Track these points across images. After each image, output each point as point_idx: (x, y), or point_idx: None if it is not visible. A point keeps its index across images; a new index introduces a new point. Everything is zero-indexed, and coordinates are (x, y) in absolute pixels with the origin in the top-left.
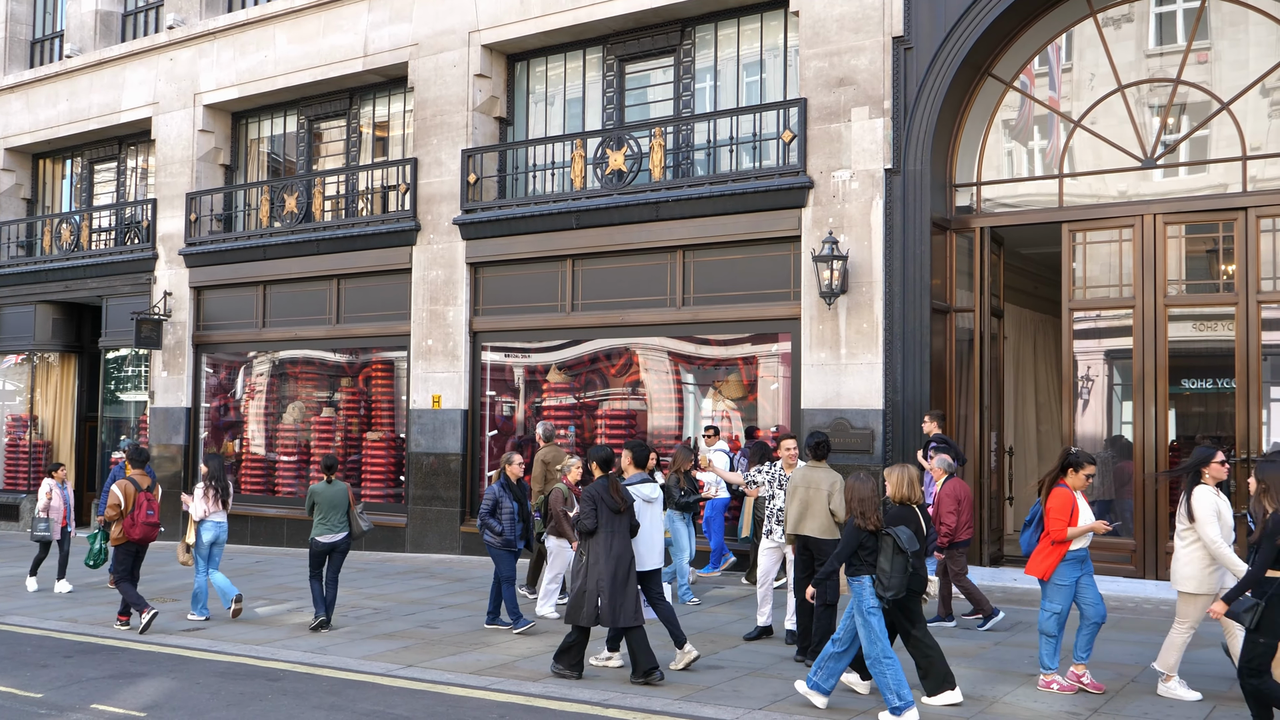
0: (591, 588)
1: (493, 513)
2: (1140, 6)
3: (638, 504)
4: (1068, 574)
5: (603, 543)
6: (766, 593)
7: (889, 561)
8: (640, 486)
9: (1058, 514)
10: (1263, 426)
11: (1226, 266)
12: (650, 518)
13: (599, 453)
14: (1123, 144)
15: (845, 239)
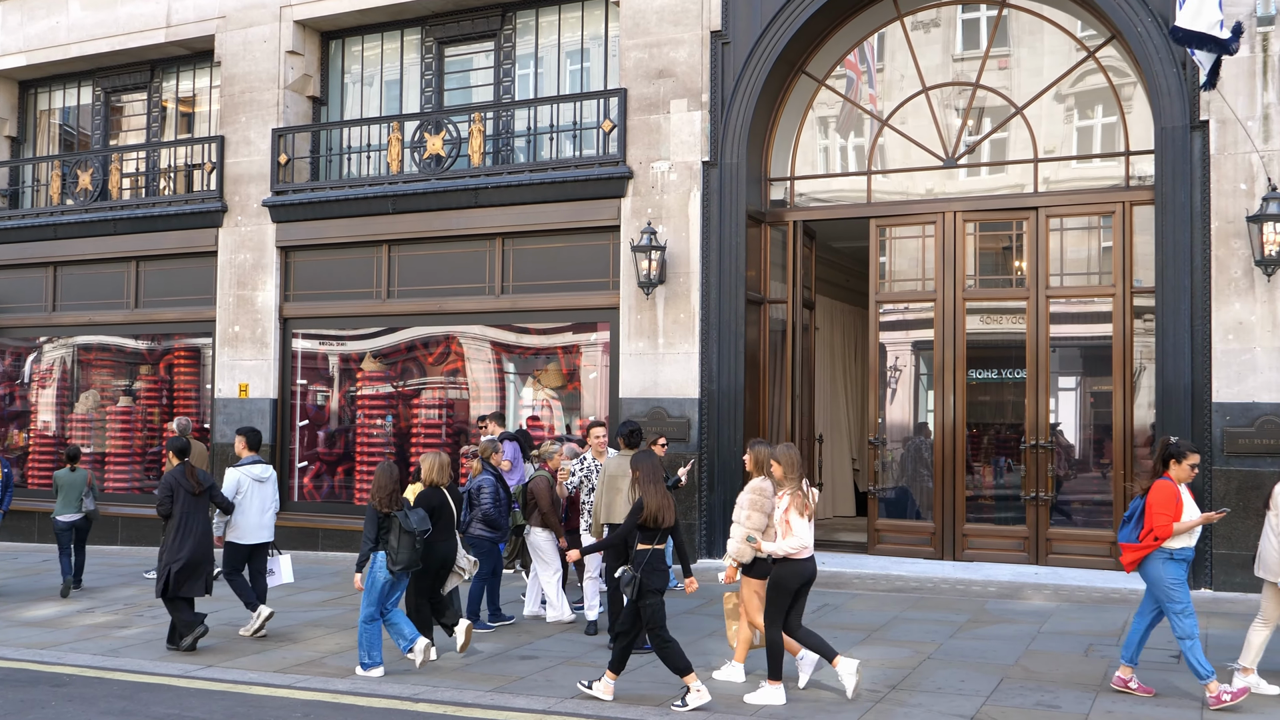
0: (170, 563)
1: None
2: (948, 12)
3: (248, 483)
4: (1176, 572)
5: (182, 523)
6: (593, 586)
7: (397, 539)
8: (250, 467)
9: (1160, 508)
10: (1050, 415)
11: (1019, 263)
12: (261, 496)
13: (175, 443)
14: (927, 144)
15: (664, 230)
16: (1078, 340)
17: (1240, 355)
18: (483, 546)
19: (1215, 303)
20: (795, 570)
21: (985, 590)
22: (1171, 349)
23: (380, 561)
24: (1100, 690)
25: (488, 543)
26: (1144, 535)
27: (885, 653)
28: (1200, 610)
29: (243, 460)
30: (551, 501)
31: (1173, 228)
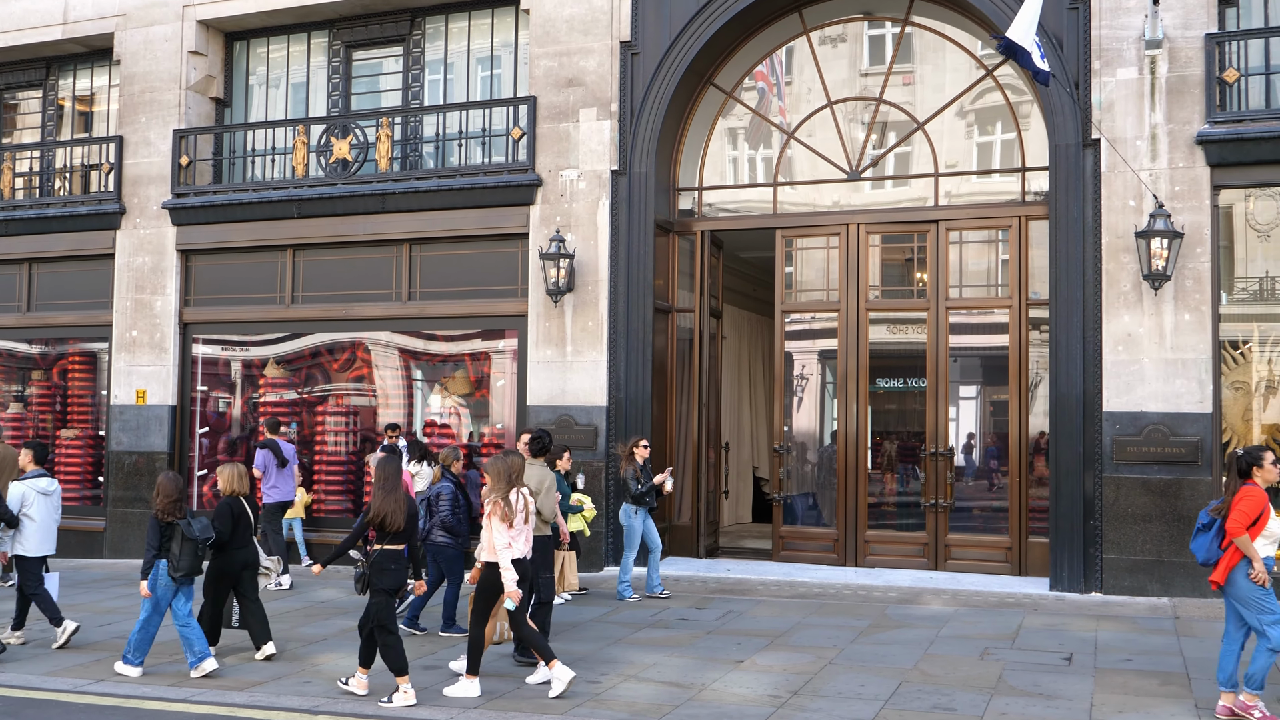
0: None
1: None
2: (855, 28)
3: (34, 496)
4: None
5: None
6: None
7: (179, 547)
8: (36, 480)
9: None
10: (950, 423)
11: (921, 275)
12: (48, 508)
13: None
14: (832, 157)
15: (572, 238)
16: (977, 350)
17: (1129, 366)
18: (445, 554)
19: (1106, 315)
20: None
21: (886, 596)
22: (1065, 359)
23: (162, 569)
24: (995, 692)
25: (450, 549)
26: (1225, 543)
27: (788, 658)
28: (1090, 614)
29: (28, 474)
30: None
31: (1066, 242)
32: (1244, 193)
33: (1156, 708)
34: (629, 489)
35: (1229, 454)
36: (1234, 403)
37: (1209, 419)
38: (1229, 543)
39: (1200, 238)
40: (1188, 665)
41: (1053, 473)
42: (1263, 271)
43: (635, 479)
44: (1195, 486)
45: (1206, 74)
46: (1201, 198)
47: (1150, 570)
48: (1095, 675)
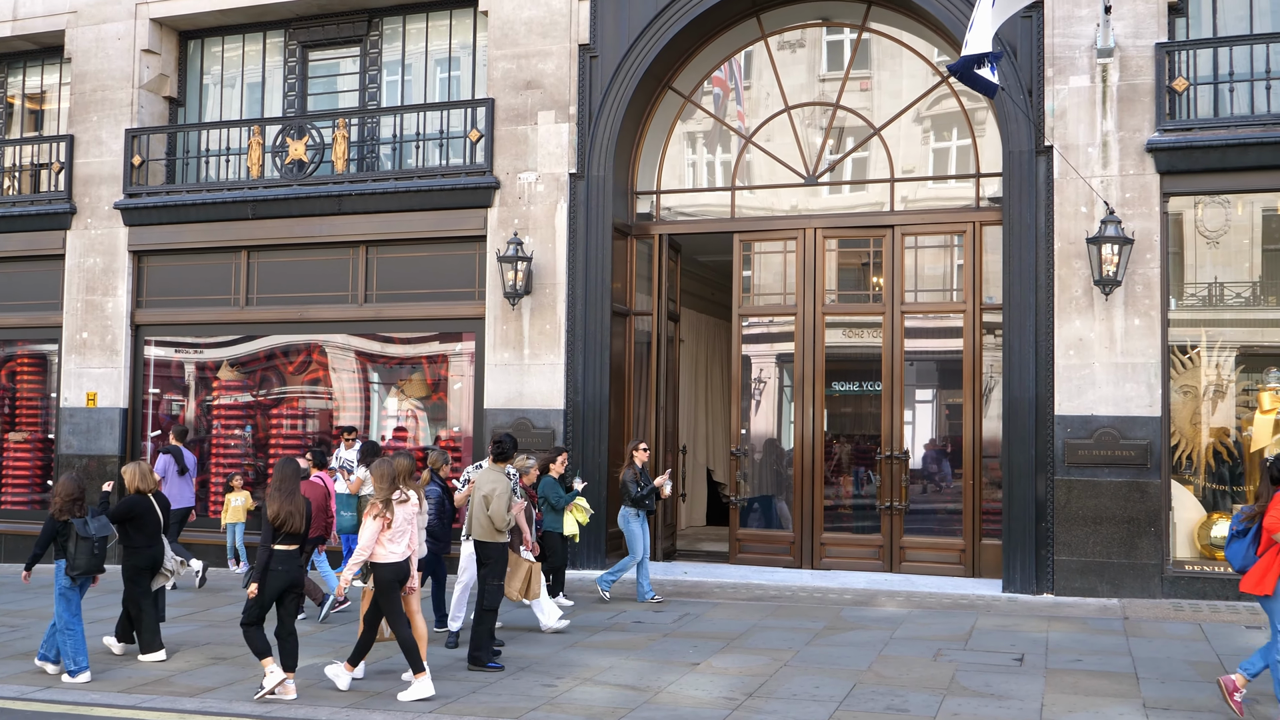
0: None
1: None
2: (813, 33)
3: None
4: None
5: None
6: (461, 598)
7: (75, 546)
8: None
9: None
10: (905, 426)
11: (877, 279)
12: None
13: None
14: (789, 161)
15: (530, 240)
16: (932, 354)
17: (1080, 370)
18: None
19: (1058, 320)
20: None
21: (841, 598)
22: (1018, 364)
23: (61, 569)
24: (948, 693)
25: (429, 554)
26: (1261, 549)
27: (744, 660)
28: (1042, 615)
29: None
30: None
31: (1019, 248)
32: (1194, 200)
33: (1106, 707)
34: (629, 492)
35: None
36: (1182, 406)
37: (1158, 422)
38: (1265, 548)
39: (1150, 244)
40: (1136, 665)
41: (1006, 476)
42: (1211, 277)
43: (635, 482)
44: (1145, 489)
45: (1157, 83)
46: (1151, 205)
47: (1100, 571)
48: (1046, 675)
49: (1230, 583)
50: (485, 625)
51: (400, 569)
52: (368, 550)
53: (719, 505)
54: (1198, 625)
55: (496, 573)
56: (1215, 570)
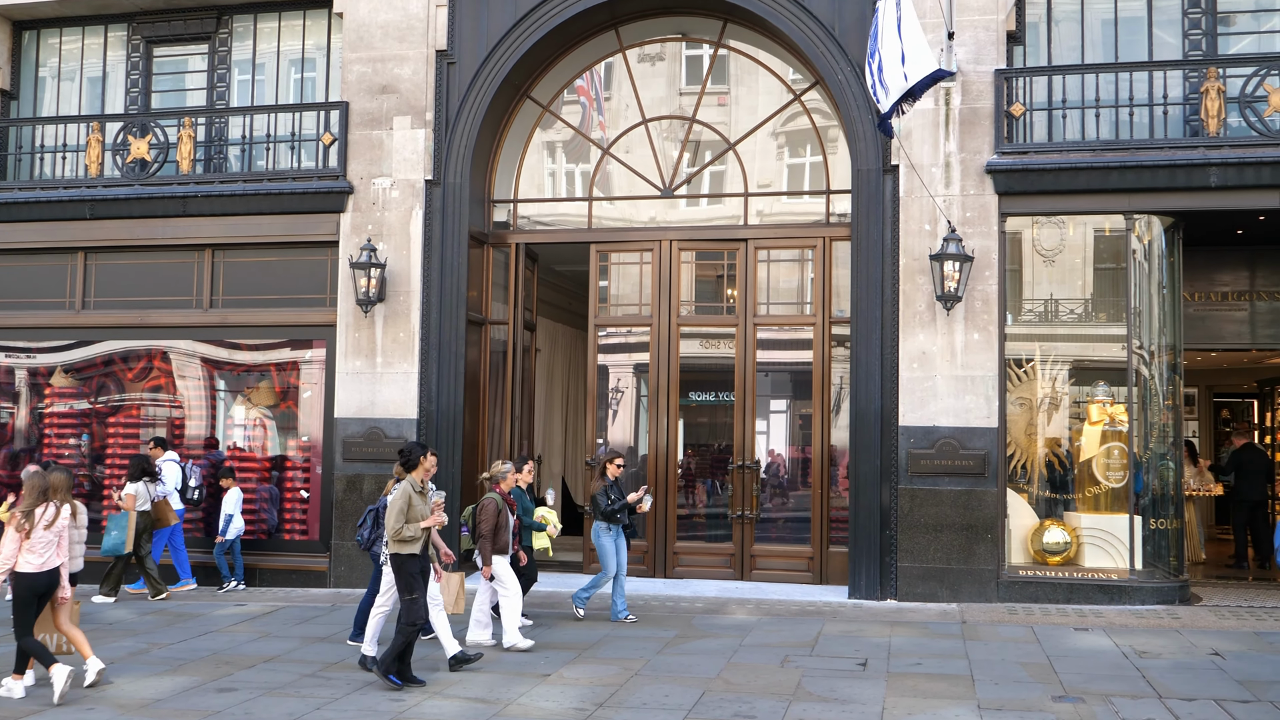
0: None
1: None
2: (673, 48)
3: None
4: None
5: None
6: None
7: None
8: None
9: None
10: (759, 436)
11: (731, 291)
12: None
13: None
14: (646, 173)
15: (384, 247)
16: (784, 365)
17: (924, 382)
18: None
19: (903, 333)
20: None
21: (693, 606)
22: (864, 375)
23: None
24: (794, 698)
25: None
26: None
27: (595, 671)
28: (885, 620)
29: None
30: (494, 526)
31: (866, 263)
32: (1031, 220)
33: (943, 709)
34: (598, 506)
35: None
36: (1018, 418)
37: (995, 433)
38: None
39: (989, 261)
40: (972, 667)
41: (852, 485)
42: (1048, 294)
43: (604, 495)
44: (982, 497)
45: (996, 107)
46: (990, 224)
47: (940, 577)
48: (888, 679)
49: (1060, 586)
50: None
51: (37, 580)
52: (10, 560)
53: (575, 515)
54: (1030, 628)
55: (404, 586)
56: (1047, 575)
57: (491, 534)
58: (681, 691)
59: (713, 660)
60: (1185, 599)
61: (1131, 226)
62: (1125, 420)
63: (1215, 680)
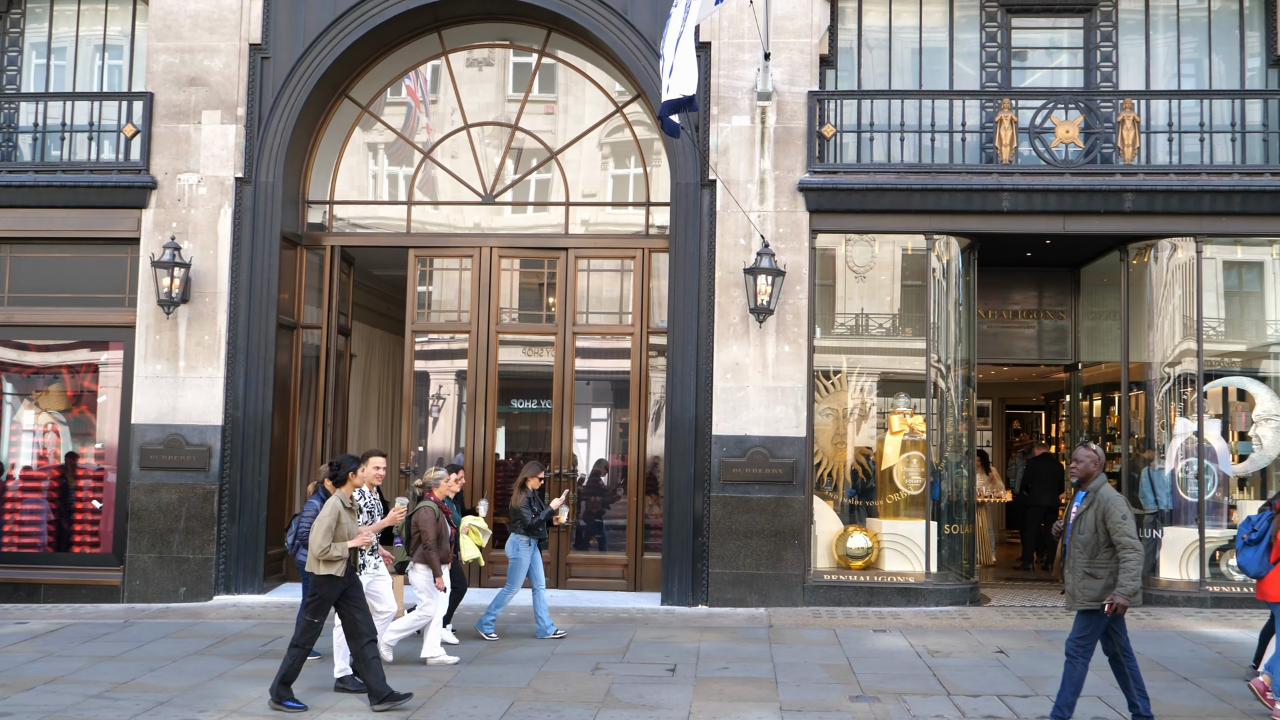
0: None
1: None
2: (502, 54)
3: None
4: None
5: None
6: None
7: None
8: None
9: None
10: (580, 444)
11: (551, 299)
12: None
13: None
14: (468, 179)
15: (190, 246)
16: (604, 374)
17: (736, 393)
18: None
19: (717, 345)
20: None
21: (507, 615)
22: (680, 385)
23: None
24: (603, 706)
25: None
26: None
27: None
28: (696, 626)
29: None
30: (437, 536)
31: (684, 275)
32: (844, 237)
33: (746, 712)
34: (523, 519)
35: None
36: (826, 427)
37: (803, 442)
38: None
39: (800, 276)
40: (777, 670)
41: (667, 492)
42: (859, 309)
43: (529, 508)
44: (790, 504)
45: (809, 127)
46: (802, 240)
47: (750, 583)
48: (695, 684)
49: (862, 590)
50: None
51: None
52: None
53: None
54: (833, 631)
55: (314, 608)
56: (850, 579)
57: (435, 543)
58: (490, 702)
59: (524, 670)
60: (976, 600)
61: (931, 246)
62: (924, 430)
63: (999, 677)
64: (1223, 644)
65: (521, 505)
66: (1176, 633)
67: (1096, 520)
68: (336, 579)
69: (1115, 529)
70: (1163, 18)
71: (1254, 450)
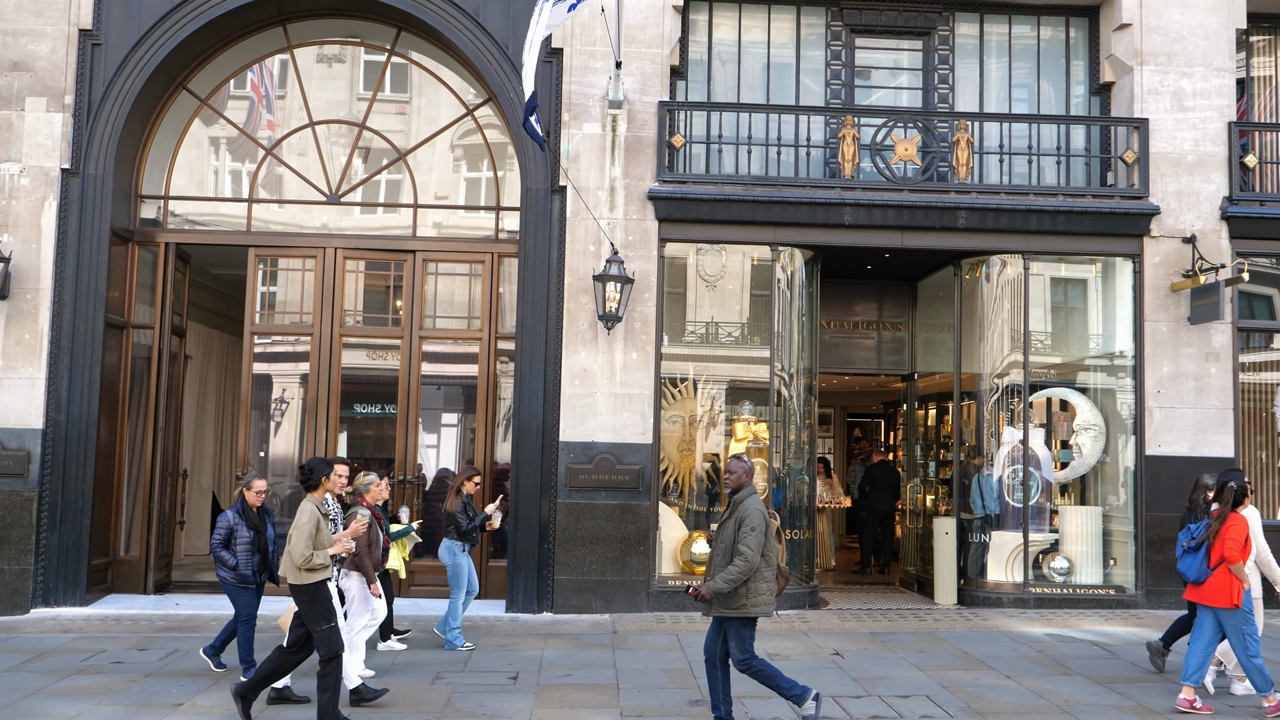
0: None
1: (226, 543)
2: (354, 51)
3: None
4: (1248, 600)
5: None
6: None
7: None
8: None
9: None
10: (429, 450)
11: (398, 302)
12: None
13: None
14: (313, 178)
15: (10, 239)
16: (453, 379)
17: (584, 399)
18: (225, 587)
19: (566, 351)
20: None
21: None
22: (527, 391)
23: None
24: (442, 715)
25: (228, 584)
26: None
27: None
28: (540, 633)
29: None
30: (368, 542)
31: (533, 281)
32: (695, 246)
33: (587, 718)
34: (457, 524)
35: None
36: (672, 434)
37: (650, 449)
38: (1217, 563)
39: (649, 284)
40: (619, 676)
41: (514, 499)
42: (709, 317)
43: (464, 513)
44: (636, 511)
45: (659, 137)
46: (651, 248)
47: (595, 589)
48: (537, 692)
49: None
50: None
51: None
52: None
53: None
54: (676, 636)
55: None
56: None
57: (368, 549)
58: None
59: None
60: (815, 604)
61: (777, 257)
62: (767, 438)
63: (834, 678)
64: (1043, 643)
65: (457, 510)
66: (1001, 632)
67: (734, 529)
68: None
69: (741, 537)
70: (996, 44)
71: (1074, 458)
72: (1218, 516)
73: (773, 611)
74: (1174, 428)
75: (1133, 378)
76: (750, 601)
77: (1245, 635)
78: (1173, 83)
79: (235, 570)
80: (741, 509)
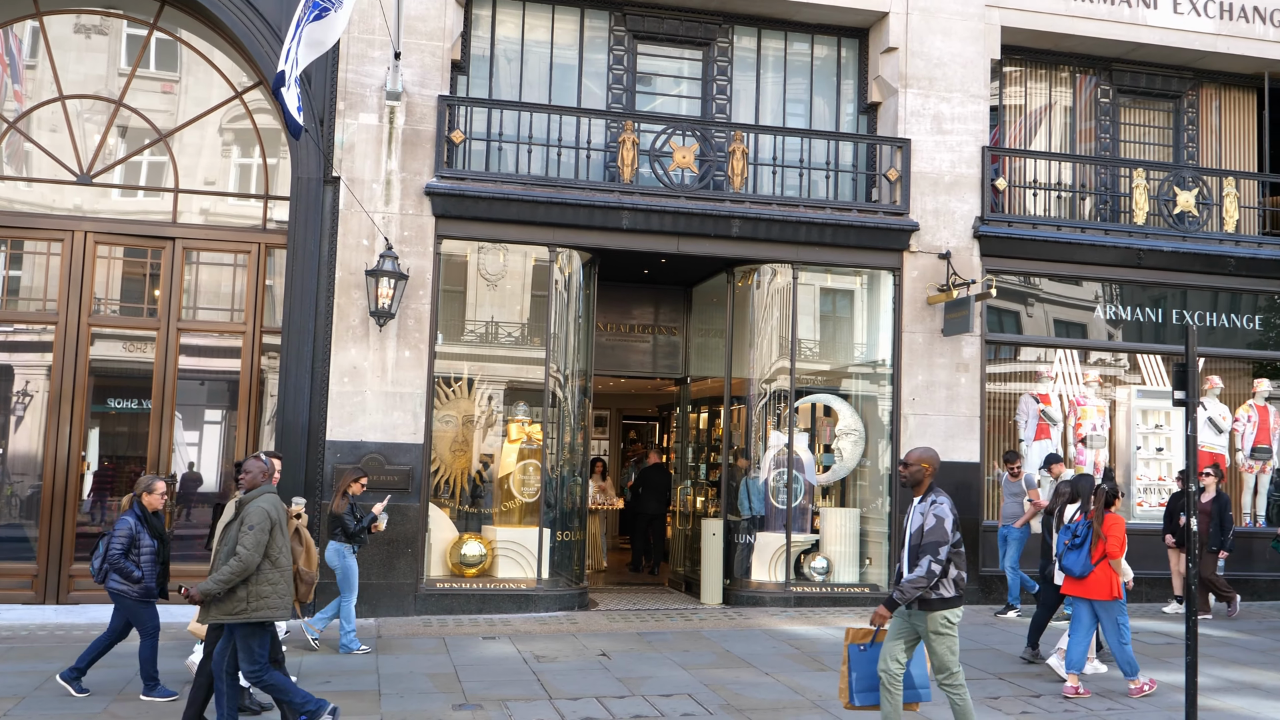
0: None
1: (127, 553)
2: (118, 24)
3: None
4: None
5: None
6: None
7: None
8: None
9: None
10: (184, 447)
11: (156, 292)
12: None
13: None
14: (64, 156)
15: None
16: (217, 374)
17: (354, 397)
18: (123, 602)
19: (335, 347)
20: None
21: (88, 634)
22: (293, 388)
23: None
24: None
25: (127, 599)
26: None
27: None
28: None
29: None
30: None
31: (302, 274)
32: (476, 244)
33: None
34: (345, 526)
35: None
36: (445, 434)
37: (421, 449)
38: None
39: (424, 281)
40: (381, 682)
41: None
42: (490, 316)
43: (352, 514)
44: (405, 512)
45: (438, 132)
46: (427, 244)
47: (360, 594)
48: None
49: (475, 597)
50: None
51: None
52: None
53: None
54: (442, 639)
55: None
56: (464, 587)
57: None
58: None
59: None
60: (584, 605)
61: (555, 258)
62: (541, 439)
63: (600, 679)
64: (802, 640)
65: (344, 512)
66: (763, 631)
67: (237, 528)
68: None
69: (240, 537)
70: (773, 59)
71: (836, 462)
72: (1095, 517)
73: (285, 616)
74: (927, 433)
75: (891, 385)
76: (252, 605)
77: (1120, 625)
78: (934, 106)
79: (140, 583)
80: (247, 509)
